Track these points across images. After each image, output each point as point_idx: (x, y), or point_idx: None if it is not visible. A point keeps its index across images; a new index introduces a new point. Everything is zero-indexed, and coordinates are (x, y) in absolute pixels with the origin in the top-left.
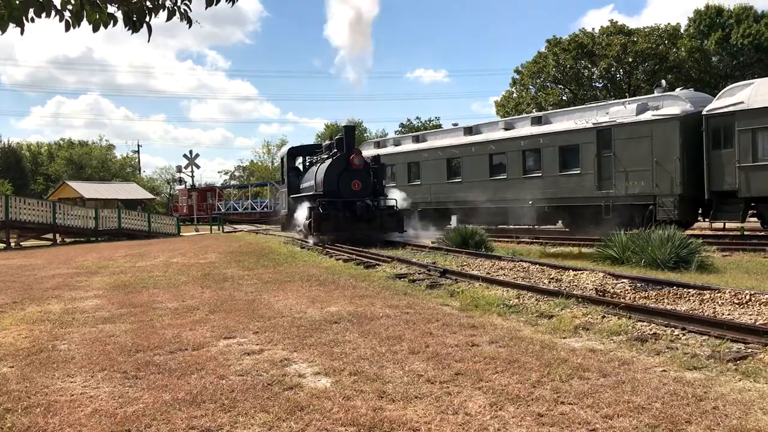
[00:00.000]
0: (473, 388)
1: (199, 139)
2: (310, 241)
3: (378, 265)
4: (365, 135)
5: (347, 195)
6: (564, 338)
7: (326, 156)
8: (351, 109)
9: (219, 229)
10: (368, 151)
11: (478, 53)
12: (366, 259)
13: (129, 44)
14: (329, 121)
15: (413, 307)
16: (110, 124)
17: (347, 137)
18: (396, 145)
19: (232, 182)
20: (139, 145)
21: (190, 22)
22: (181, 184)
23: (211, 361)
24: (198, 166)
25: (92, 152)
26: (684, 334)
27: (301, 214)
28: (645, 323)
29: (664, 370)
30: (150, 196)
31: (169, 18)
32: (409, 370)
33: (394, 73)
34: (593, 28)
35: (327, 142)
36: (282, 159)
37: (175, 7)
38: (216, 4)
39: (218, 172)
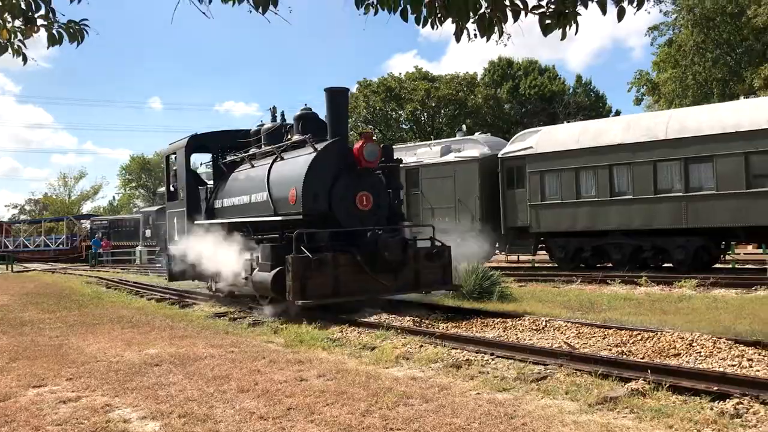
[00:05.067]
0: (306, 422)
1: None
2: (267, 311)
3: (195, 304)
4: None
5: (350, 220)
6: (387, 368)
7: (269, 149)
8: (158, 140)
9: (7, 269)
10: None
11: (290, 89)
12: (181, 298)
13: None
14: (135, 152)
15: (238, 346)
16: None
17: (336, 111)
18: (208, 179)
19: (22, 217)
20: None
21: (25, 59)
22: None
23: (21, 412)
24: None
25: None
26: (493, 359)
27: (231, 256)
28: (458, 350)
29: (479, 393)
30: None
31: (0, 53)
32: (240, 409)
33: (203, 105)
34: (400, 73)
35: (267, 124)
36: (167, 158)
37: (8, 43)
38: (60, 44)
39: (5, 205)
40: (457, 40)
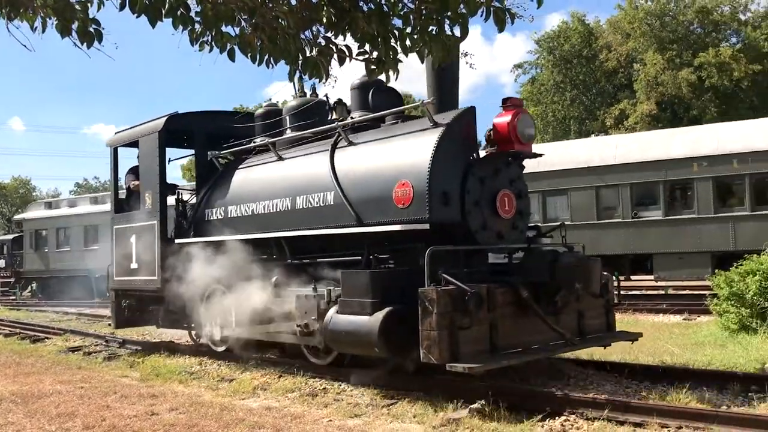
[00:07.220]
0: None
1: None
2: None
3: (47, 338)
4: (34, 194)
5: (485, 233)
6: (243, 399)
7: (305, 134)
8: (18, 163)
9: None
10: (38, 212)
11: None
12: (33, 333)
13: None
14: None
15: (89, 381)
16: None
17: (446, 74)
18: (71, 206)
19: None
20: None
21: None
22: None
23: None
24: None
25: None
26: (349, 387)
27: (258, 290)
28: (316, 379)
29: (330, 420)
30: None
31: None
32: None
33: (70, 127)
34: (277, 102)
35: (291, 101)
36: (116, 151)
37: None
38: None
39: None
40: (290, 79)
